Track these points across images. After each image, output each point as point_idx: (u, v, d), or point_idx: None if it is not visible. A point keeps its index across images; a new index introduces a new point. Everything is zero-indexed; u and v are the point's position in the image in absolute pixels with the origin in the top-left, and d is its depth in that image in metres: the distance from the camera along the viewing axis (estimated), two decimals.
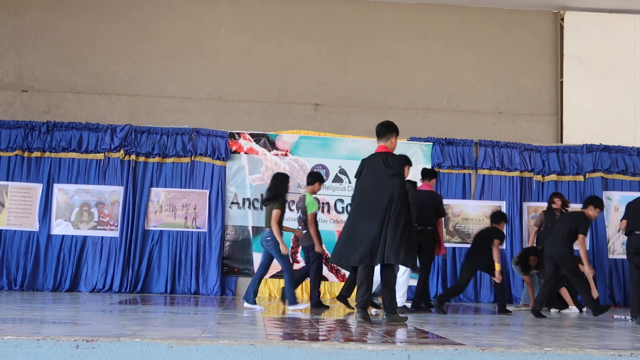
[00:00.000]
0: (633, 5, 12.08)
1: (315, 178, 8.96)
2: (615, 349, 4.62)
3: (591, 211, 8.46)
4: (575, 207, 10.18)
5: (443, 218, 9.05)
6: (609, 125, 12.00)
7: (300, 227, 8.89)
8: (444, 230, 11.00)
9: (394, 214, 6.32)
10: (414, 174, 11.08)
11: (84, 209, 10.64)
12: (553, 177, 11.37)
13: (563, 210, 9.91)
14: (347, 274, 10.84)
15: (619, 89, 12.16)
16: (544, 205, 10.88)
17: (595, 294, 8.99)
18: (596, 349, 4.57)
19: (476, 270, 9.18)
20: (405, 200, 6.43)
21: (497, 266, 8.59)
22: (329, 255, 7.53)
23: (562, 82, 12.19)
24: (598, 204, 8.53)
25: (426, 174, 9.13)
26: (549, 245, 8.51)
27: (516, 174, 11.33)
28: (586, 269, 8.34)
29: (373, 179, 6.53)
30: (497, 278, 8.62)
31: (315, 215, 8.75)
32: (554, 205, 9.97)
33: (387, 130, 6.72)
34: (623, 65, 12.23)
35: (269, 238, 8.14)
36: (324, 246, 8.73)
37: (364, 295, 6.47)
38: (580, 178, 11.42)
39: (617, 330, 6.64)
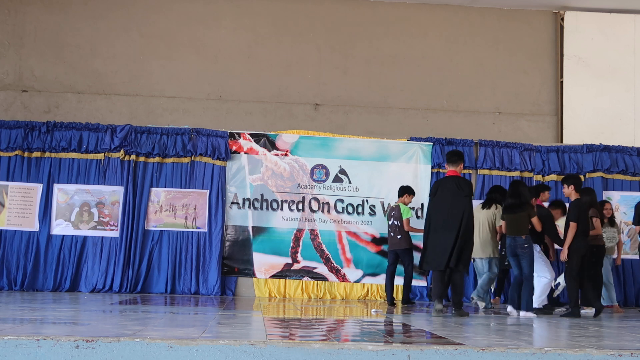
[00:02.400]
0: (633, 5, 12.08)
1: (404, 191, 9.98)
2: (615, 349, 4.62)
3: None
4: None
5: None
6: (609, 125, 12.00)
7: (392, 234, 9.86)
8: None
9: (465, 228, 7.73)
10: (413, 174, 11.15)
11: (84, 209, 10.64)
12: (553, 177, 11.36)
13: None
14: (346, 274, 10.88)
15: (619, 88, 12.16)
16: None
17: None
18: (596, 348, 4.57)
19: None
20: (471, 216, 7.88)
21: None
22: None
23: (562, 82, 12.19)
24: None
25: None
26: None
27: (516, 173, 11.32)
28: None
29: (448, 198, 7.85)
30: None
31: (408, 220, 9.80)
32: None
33: (458, 158, 8.08)
34: (623, 65, 12.23)
35: (526, 245, 8.25)
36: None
37: (441, 293, 7.93)
38: (581, 178, 11.39)
39: (617, 330, 6.64)
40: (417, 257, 9.05)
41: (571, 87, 12.15)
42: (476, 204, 10.65)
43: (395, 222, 9.82)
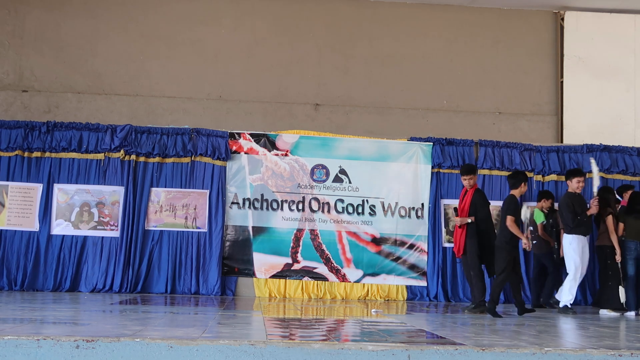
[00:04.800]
0: (633, 5, 12.08)
1: (542, 195, 10.53)
2: (615, 348, 4.62)
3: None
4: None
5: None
6: (609, 125, 12.00)
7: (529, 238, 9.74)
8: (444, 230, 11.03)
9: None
10: (413, 174, 11.14)
11: (84, 209, 10.63)
12: (553, 177, 11.36)
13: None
14: (346, 274, 10.88)
15: (619, 88, 12.16)
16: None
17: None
18: (596, 348, 4.57)
19: None
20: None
21: None
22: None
23: (562, 82, 12.19)
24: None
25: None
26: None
27: None
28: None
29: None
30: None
31: (543, 225, 10.21)
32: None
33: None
34: (623, 65, 12.24)
35: None
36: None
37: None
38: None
39: (617, 330, 6.64)
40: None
41: (571, 87, 12.16)
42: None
43: (531, 228, 10.22)
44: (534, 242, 10.14)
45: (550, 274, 10.14)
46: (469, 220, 8.73)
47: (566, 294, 8.83)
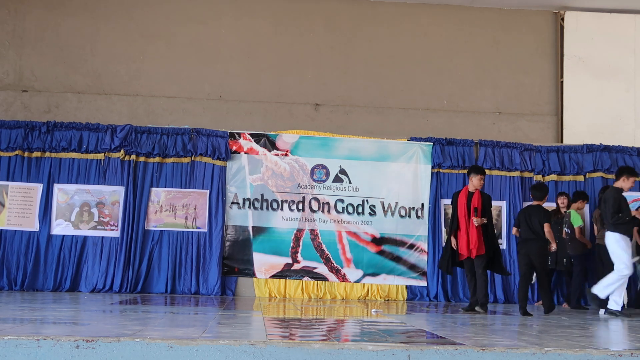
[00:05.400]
0: (633, 5, 12.08)
1: (578, 197, 10.60)
2: (616, 349, 4.62)
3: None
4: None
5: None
6: (609, 125, 12.00)
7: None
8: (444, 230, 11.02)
9: None
10: (414, 174, 11.14)
11: (84, 209, 10.63)
12: (553, 177, 11.36)
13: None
14: (346, 274, 10.88)
15: (619, 88, 12.15)
16: (546, 205, 10.99)
17: None
18: (596, 348, 4.57)
19: None
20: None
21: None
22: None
23: (562, 82, 12.19)
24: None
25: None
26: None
27: (516, 174, 11.31)
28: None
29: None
30: None
31: (580, 228, 10.27)
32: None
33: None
34: (623, 65, 12.23)
35: None
36: None
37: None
38: (581, 178, 11.41)
39: (617, 330, 6.63)
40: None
41: (571, 87, 12.16)
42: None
43: (567, 230, 10.37)
44: (569, 243, 10.26)
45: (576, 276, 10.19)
46: (485, 221, 8.80)
47: (616, 297, 8.34)
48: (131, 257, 10.49)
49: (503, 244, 10.95)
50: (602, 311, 8.74)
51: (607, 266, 9.05)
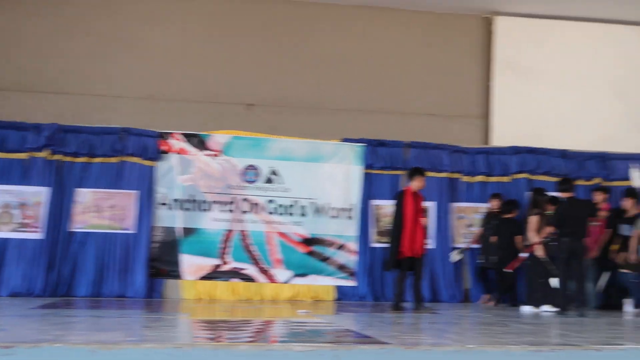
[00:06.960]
0: (560, 11, 12.39)
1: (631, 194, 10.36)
2: (532, 345, 4.72)
3: None
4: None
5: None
6: (535, 128, 12.27)
7: None
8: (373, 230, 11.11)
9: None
10: (345, 175, 11.18)
11: (4, 210, 10.26)
12: (480, 178, 11.59)
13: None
14: (276, 274, 10.84)
15: (545, 92, 12.46)
16: (472, 205, 11.26)
17: None
18: (515, 345, 4.67)
19: None
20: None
21: None
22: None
23: (491, 85, 12.44)
24: None
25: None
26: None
27: (445, 175, 11.50)
28: None
29: None
30: None
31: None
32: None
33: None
34: (549, 69, 12.55)
35: None
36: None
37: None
38: (507, 179, 11.67)
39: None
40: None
41: (499, 91, 12.41)
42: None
43: None
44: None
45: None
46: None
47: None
48: (55, 260, 10.16)
49: (432, 243, 11.09)
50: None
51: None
